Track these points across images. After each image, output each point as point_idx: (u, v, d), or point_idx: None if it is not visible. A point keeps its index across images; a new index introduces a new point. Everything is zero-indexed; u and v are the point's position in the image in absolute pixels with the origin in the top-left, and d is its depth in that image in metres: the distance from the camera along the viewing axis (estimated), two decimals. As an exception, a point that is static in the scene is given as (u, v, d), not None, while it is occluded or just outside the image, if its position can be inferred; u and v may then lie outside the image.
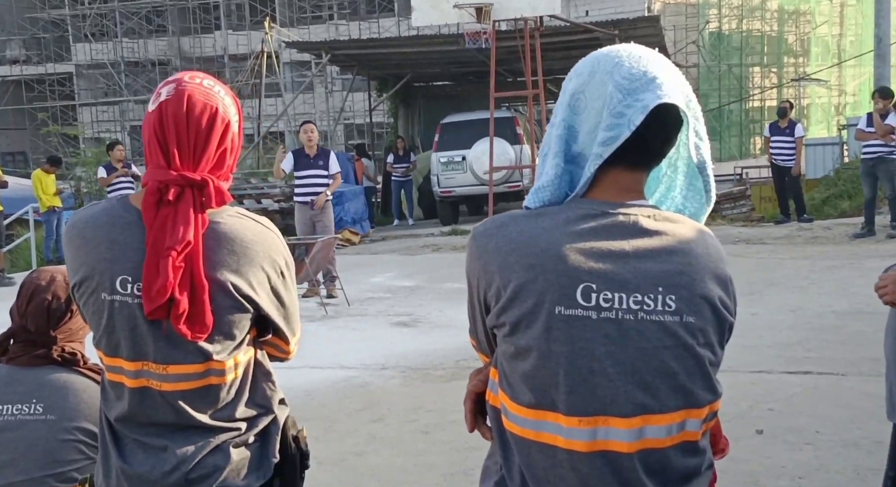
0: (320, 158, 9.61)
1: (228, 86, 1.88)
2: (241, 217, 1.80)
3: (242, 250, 1.75)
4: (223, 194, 1.77)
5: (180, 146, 1.73)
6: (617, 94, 1.42)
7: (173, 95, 1.74)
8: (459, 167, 16.14)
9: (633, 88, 1.42)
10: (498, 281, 1.45)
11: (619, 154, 1.44)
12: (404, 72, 20.38)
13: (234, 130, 1.80)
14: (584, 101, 1.47)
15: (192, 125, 1.73)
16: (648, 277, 1.41)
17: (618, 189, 1.47)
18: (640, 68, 1.44)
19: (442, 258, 12.08)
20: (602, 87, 1.44)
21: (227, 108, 1.79)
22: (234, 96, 1.85)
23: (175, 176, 1.72)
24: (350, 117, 34.61)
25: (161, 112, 1.73)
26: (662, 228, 1.45)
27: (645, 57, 1.46)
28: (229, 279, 1.74)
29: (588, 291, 1.40)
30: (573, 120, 1.48)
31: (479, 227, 1.51)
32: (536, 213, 1.47)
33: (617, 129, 1.41)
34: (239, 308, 1.76)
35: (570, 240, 1.42)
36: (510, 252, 1.44)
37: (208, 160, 1.76)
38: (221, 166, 1.79)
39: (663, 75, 1.44)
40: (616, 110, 1.41)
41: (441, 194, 16.29)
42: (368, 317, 8.28)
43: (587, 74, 1.48)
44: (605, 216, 1.44)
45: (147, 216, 1.72)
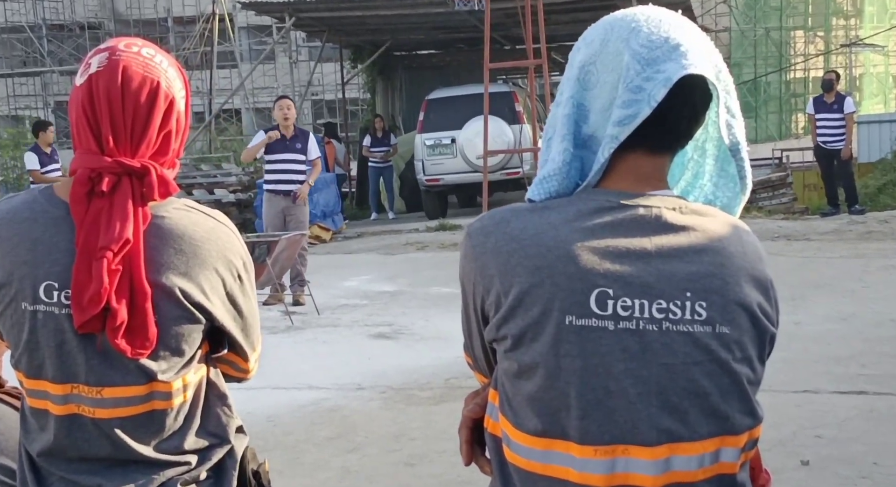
0: (298, 140, 9.61)
1: (173, 55, 1.89)
2: (190, 211, 1.80)
3: (192, 249, 1.76)
4: (168, 183, 1.77)
5: (115, 127, 1.73)
6: (634, 64, 1.43)
7: (105, 65, 1.74)
8: (448, 151, 16.15)
9: (653, 58, 1.43)
10: (498, 287, 1.46)
11: (638, 136, 1.45)
12: (383, 39, 20.39)
13: (180, 109, 1.81)
14: (596, 74, 1.48)
15: (128, 102, 1.73)
16: (674, 280, 1.42)
17: (637, 177, 1.48)
18: (660, 34, 1.45)
19: (428, 258, 12.06)
20: (617, 57, 1.46)
21: (172, 81, 1.79)
22: (179, 68, 1.85)
23: (109, 163, 1.72)
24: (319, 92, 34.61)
25: (91, 87, 1.74)
26: (690, 222, 1.46)
27: (666, 21, 1.47)
28: (177, 284, 1.74)
29: (604, 297, 1.41)
30: (583, 97, 1.50)
31: (476, 223, 1.52)
32: (542, 206, 1.49)
33: (635, 106, 1.42)
34: (188, 319, 1.76)
35: (581, 237, 1.43)
36: (512, 252, 1.45)
37: (149, 144, 1.76)
38: (165, 151, 1.80)
39: (688, 42, 1.45)
40: (633, 84, 1.42)
41: (427, 182, 16.33)
42: (342, 328, 8.29)
43: (599, 42, 1.49)
44: (623, 209, 1.45)
45: (76, 211, 1.72)
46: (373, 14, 18.09)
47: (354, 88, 27.54)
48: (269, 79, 33.75)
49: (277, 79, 32.86)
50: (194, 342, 1.79)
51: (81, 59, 23.42)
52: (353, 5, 18.31)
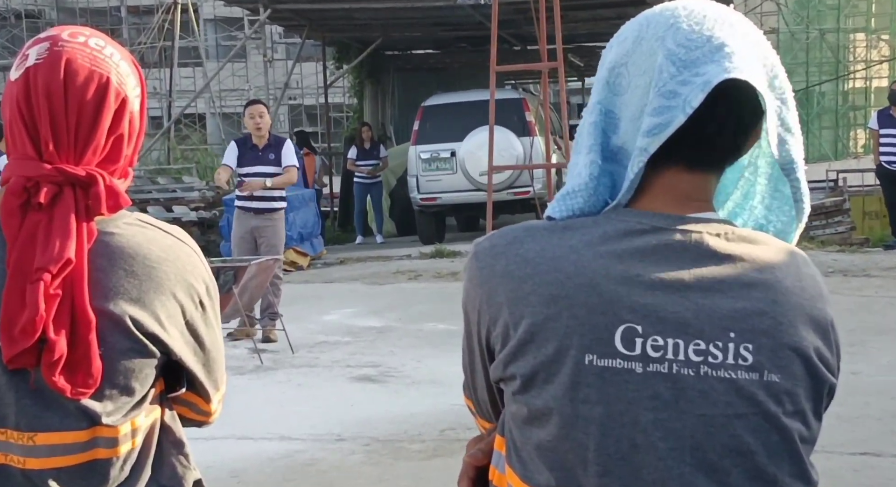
0: (271, 150, 9.66)
1: (127, 48, 1.86)
2: (145, 226, 1.81)
3: (146, 271, 1.75)
4: (118, 195, 1.77)
5: (56, 129, 1.74)
6: (669, 66, 1.45)
7: (46, 57, 1.74)
8: (447, 166, 16.21)
9: (691, 59, 1.44)
10: (506, 317, 1.47)
11: (675, 149, 1.46)
12: (373, 36, 20.52)
13: (134, 110, 1.81)
14: (627, 76, 1.50)
15: (72, 100, 1.74)
16: (716, 317, 1.42)
17: (675, 197, 1.49)
18: (703, 32, 1.46)
19: (421, 290, 12.07)
20: (650, 57, 1.47)
21: (124, 78, 1.80)
22: (133, 62, 1.85)
23: (49, 170, 1.72)
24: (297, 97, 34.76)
25: (28, 81, 1.74)
26: (737, 251, 1.46)
27: (712, 17, 1.48)
28: (127, 312, 1.73)
29: (631, 334, 1.41)
30: (612, 102, 1.51)
31: (484, 242, 1.54)
32: (562, 226, 1.50)
33: (667, 113, 1.43)
34: (140, 352, 1.75)
35: (607, 264, 1.43)
36: (524, 278, 1.46)
37: (96, 149, 1.76)
38: (115, 158, 1.80)
39: (735, 42, 1.46)
40: (667, 88, 1.44)
41: (421, 201, 16.39)
42: (319, 369, 8.28)
43: (631, 40, 1.51)
44: (657, 233, 1.46)
45: (8, 225, 1.72)
46: (361, 7, 18.19)
47: (339, 91, 27.59)
48: (240, 80, 33.89)
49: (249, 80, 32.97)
50: (146, 379, 1.78)
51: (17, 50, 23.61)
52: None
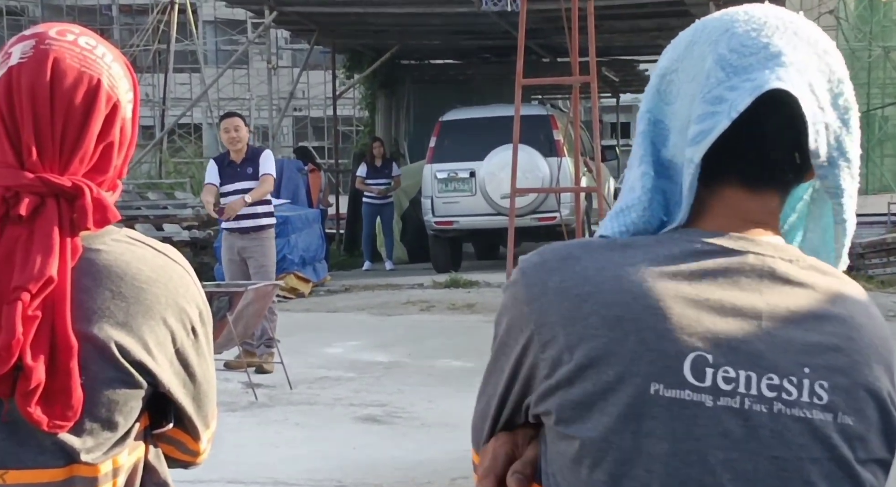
0: (249, 164, 9.75)
1: (120, 50, 1.90)
2: (134, 244, 1.81)
3: (134, 292, 1.75)
4: (106, 208, 1.76)
5: (40, 135, 1.74)
6: (718, 71, 1.46)
7: (31, 56, 1.75)
8: (465, 187, 16.25)
9: (743, 65, 1.45)
10: (562, 339, 1.45)
11: (730, 165, 1.48)
12: (388, 43, 20.62)
13: (126, 115, 1.82)
14: (677, 84, 1.52)
15: (59, 104, 1.74)
16: (791, 351, 1.42)
17: (737, 218, 1.50)
18: (759, 38, 1.47)
19: (434, 322, 12.11)
20: (700, 62, 1.49)
21: (116, 81, 1.80)
22: (126, 64, 1.85)
23: (31, 180, 1.72)
24: (303, 108, 34.88)
25: (10, 82, 1.74)
26: (810, 280, 1.47)
27: (773, 23, 1.49)
28: (112, 337, 1.72)
29: (701, 364, 1.41)
30: (662, 112, 1.54)
31: (533, 257, 1.54)
32: (623, 243, 1.51)
33: (711, 119, 1.45)
34: (125, 382, 1.74)
35: (675, 286, 1.44)
36: (584, 297, 1.45)
37: (84, 158, 1.76)
38: (104, 168, 1.80)
39: (796, 52, 1.47)
40: (712, 94, 1.46)
41: (436, 225, 16.42)
42: (320, 407, 8.28)
43: (684, 44, 1.53)
44: (728, 255, 1.46)
45: None
46: (376, 11, 18.29)
47: (349, 103, 27.71)
48: (241, 88, 34.04)
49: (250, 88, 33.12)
50: (131, 412, 1.77)
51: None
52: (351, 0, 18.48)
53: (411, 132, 22.51)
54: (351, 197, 19.47)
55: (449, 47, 22.06)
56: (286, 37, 31.24)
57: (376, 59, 21.02)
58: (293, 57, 34.23)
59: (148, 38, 26.59)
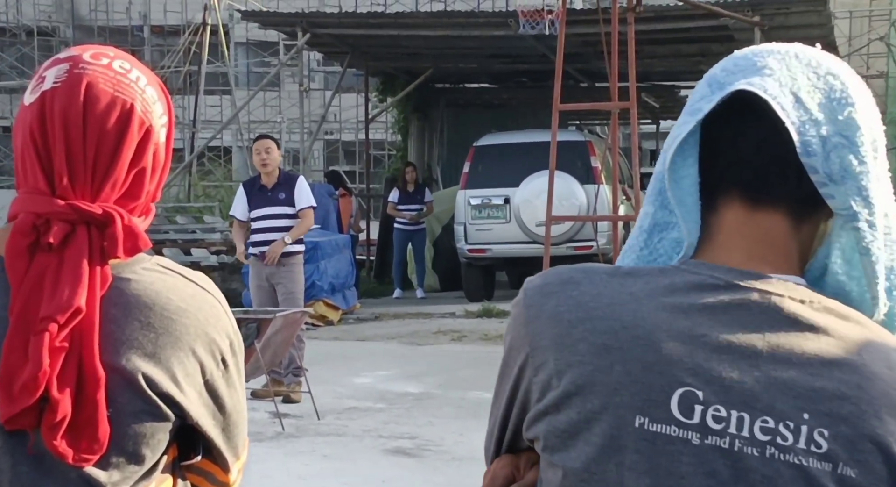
0: (281, 188, 9.79)
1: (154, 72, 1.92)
2: (165, 272, 1.81)
3: (163, 323, 1.75)
4: (137, 236, 1.77)
5: (72, 161, 1.74)
6: (703, 88, 1.52)
7: (65, 80, 1.76)
8: (499, 214, 16.27)
9: (728, 82, 1.49)
10: (552, 364, 1.47)
11: (724, 181, 1.49)
12: (422, 66, 20.70)
13: (160, 140, 1.83)
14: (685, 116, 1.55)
15: (91, 129, 1.74)
16: (790, 394, 1.40)
17: (748, 248, 1.49)
18: (755, 60, 1.51)
19: (466, 353, 12.12)
20: (698, 89, 1.55)
21: (150, 105, 1.80)
22: (161, 87, 1.86)
23: (62, 207, 1.73)
24: (335, 131, 34.99)
25: (43, 107, 1.75)
26: (822, 322, 1.44)
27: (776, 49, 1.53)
28: (140, 368, 1.72)
29: (690, 400, 1.41)
30: None
31: (536, 279, 1.57)
32: (626, 271, 1.52)
33: (684, 126, 1.49)
34: (153, 414, 1.74)
35: (669, 318, 1.44)
36: (575, 323, 1.47)
37: (115, 184, 1.77)
38: (136, 195, 1.81)
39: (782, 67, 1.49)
40: (694, 107, 1.51)
41: (469, 253, 16.44)
42: (348, 438, 8.28)
43: (703, 79, 1.57)
44: (732, 290, 1.46)
45: (13, 268, 1.72)
46: (410, 34, 18.40)
47: (381, 127, 27.77)
48: (272, 110, 34.13)
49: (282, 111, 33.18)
50: (158, 445, 1.77)
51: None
52: (385, 21, 18.63)
53: (444, 157, 22.56)
54: (382, 223, 19.54)
55: (484, 71, 22.11)
56: (318, 59, 31.38)
57: (410, 82, 21.11)
58: (325, 79, 34.36)
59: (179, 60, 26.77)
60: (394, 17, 19.12)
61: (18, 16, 36.21)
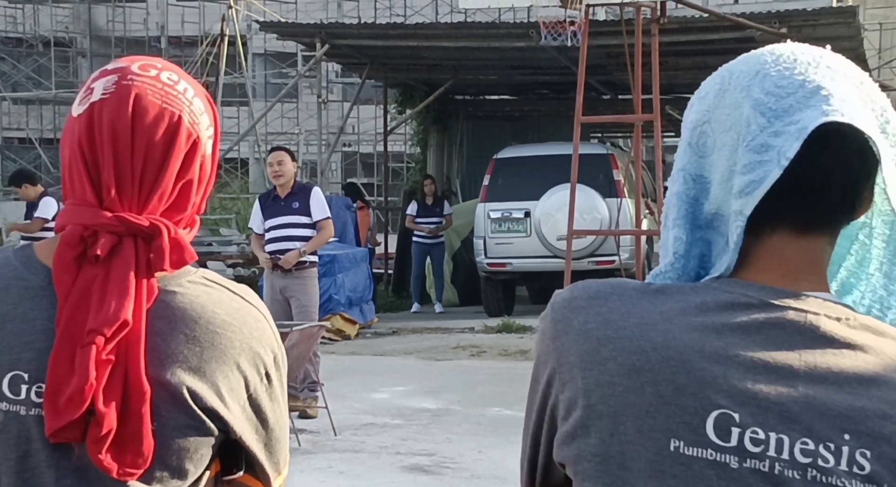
0: (295, 198, 9.85)
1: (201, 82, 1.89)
2: (210, 286, 1.81)
3: (209, 337, 1.75)
4: (183, 248, 1.76)
5: (120, 173, 1.75)
6: (758, 118, 1.44)
7: (113, 92, 1.76)
8: (520, 228, 16.24)
9: (783, 108, 1.43)
10: (579, 382, 1.45)
11: (778, 210, 1.45)
12: (441, 78, 20.64)
13: (206, 152, 1.82)
14: (712, 135, 1.49)
15: (139, 141, 1.74)
16: (829, 414, 1.38)
17: (786, 269, 1.46)
18: (794, 77, 1.45)
19: (485, 368, 12.04)
20: (735, 111, 1.47)
21: (197, 117, 1.81)
22: (208, 99, 1.87)
23: (109, 219, 1.73)
24: (353, 143, 34.99)
25: (92, 118, 1.75)
26: (859, 340, 1.41)
27: (804, 60, 1.47)
28: (185, 383, 1.72)
29: (726, 422, 1.38)
30: (699, 166, 1.51)
31: (564, 293, 1.54)
32: (656, 289, 1.48)
33: (760, 169, 1.41)
34: (197, 429, 1.74)
35: (702, 338, 1.41)
36: (604, 341, 1.44)
37: (163, 196, 1.77)
38: (183, 206, 1.81)
39: (834, 84, 1.44)
40: (756, 142, 1.42)
41: (489, 267, 16.39)
42: (365, 455, 8.25)
43: (714, 93, 1.51)
44: (766, 309, 1.43)
45: (61, 280, 1.72)
46: (430, 45, 18.34)
47: (400, 139, 27.76)
48: (289, 122, 34.16)
49: (299, 122, 33.23)
50: (202, 460, 1.76)
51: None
52: (404, 32, 18.61)
53: (464, 170, 22.43)
54: (400, 236, 19.43)
55: (505, 82, 21.99)
56: (337, 70, 31.40)
57: (429, 93, 20.99)
58: (344, 91, 34.35)
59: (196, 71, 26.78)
60: (413, 28, 19.08)
61: (35, 26, 36.24)
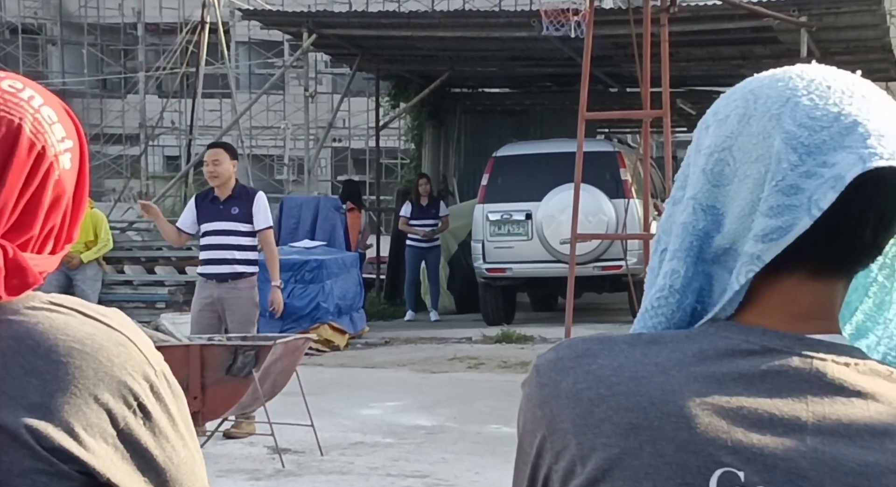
0: (235, 202, 9.72)
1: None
2: (55, 310, 1.75)
3: (51, 368, 1.68)
4: (25, 271, 1.70)
5: None
6: (789, 154, 1.41)
7: None
8: (520, 231, 16.28)
9: (816, 143, 1.41)
10: (573, 449, 1.43)
11: (798, 252, 1.43)
12: (437, 69, 20.75)
13: (63, 166, 1.77)
14: (733, 164, 1.46)
15: None
16: (840, 470, 1.37)
17: (792, 312, 1.46)
18: (828, 108, 1.42)
19: (484, 381, 12.10)
20: (764, 141, 1.43)
21: (45, 126, 1.75)
22: (67, 111, 1.82)
23: None
24: (343, 138, 35.10)
25: None
26: (870, 387, 1.41)
27: (838, 88, 1.44)
28: (23, 422, 1.65)
29: (730, 481, 1.37)
30: (713, 196, 1.48)
31: (548, 354, 1.51)
32: (648, 339, 1.48)
33: (788, 214, 1.40)
34: (47, 473, 1.66)
35: (701, 390, 1.41)
36: (597, 401, 1.43)
37: (2, 213, 1.71)
38: (29, 225, 1.74)
39: (872, 118, 1.42)
40: (786, 182, 1.41)
41: (488, 272, 16.43)
42: (353, 477, 8.26)
43: (737, 118, 1.47)
44: (769, 356, 1.42)
45: None
46: (425, 35, 18.43)
47: (393, 134, 27.83)
48: (275, 115, 34.34)
49: (286, 116, 33.43)
50: None
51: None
52: (397, 21, 18.69)
53: (461, 168, 22.58)
54: (393, 239, 19.54)
55: (505, 75, 22.13)
56: (326, 60, 31.48)
57: (424, 86, 21.12)
58: (333, 82, 34.46)
59: (176, 61, 26.86)
60: (407, 16, 19.18)
61: (1, 12, 36.42)
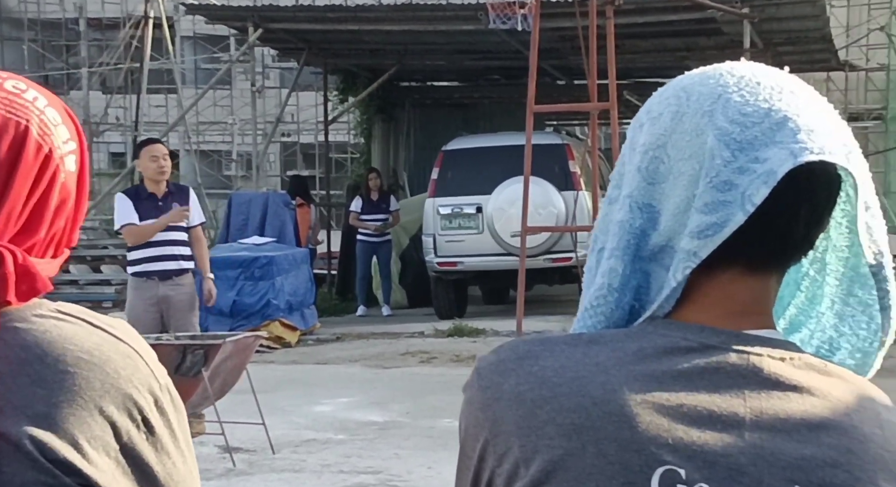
0: (174, 198, 9.67)
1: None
2: (63, 319, 1.73)
3: (58, 377, 1.66)
4: (34, 277, 1.69)
5: None
6: (722, 150, 1.42)
7: None
8: (471, 224, 16.29)
9: (748, 139, 1.42)
10: (516, 451, 1.42)
11: (732, 248, 1.43)
12: (385, 63, 20.68)
13: (67, 168, 1.76)
14: (667, 162, 1.47)
15: None
16: (778, 465, 1.38)
17: (729, 308, 1.46)
18: (758, 104, 1.44)
19: (436, 376, 12.07)
20: (697, 138, 1.45)
21: (50, 128, 1.74)
22: (69, 114, 1.80)
23: None
24: (291, 133, 34.91)
25: None
26: (805, 382, 1.42)
27: (768, 84, 1.46)
28: (27, 432, 1.64)
29: (672, 479, 1.37)
30: (648, 194, 1.49)
31: (489, 357, 1.50)
32: (588, 339, 1.48)
33: (722, 210, 1.41)
34: (50, 485, 1.64)
35: (642, 389, 1.41)
36: (539, 402, 1.42)
37: (10, 218, 1.70)
38: (35, 229, 1.73)
39: (802, 114, 1.44)
40: (720, 179, 1.41)
41: (439, 266, 16.44)
42: (306, 474, 8.24)
43: (670, 115, 1.49)
44: (707, 352, 1.43)
45: None
46: (373, 28, 18.36)
47: (342, 129, 27.73)
48: (222, 111, 34.06)
49: (233, 111, 33.19)
50: None
51: None
52: (344, 15, 18.58)
53: (411, 162, 22.50)
54: (344, 234, 19.42)
55: (453, 68, 22.06)
56: (273, 55, 31.29)
57: (373, 80, 21.04)
58: (281, 77, 34.28)
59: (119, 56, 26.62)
60: (354, 10, 19.03)
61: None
